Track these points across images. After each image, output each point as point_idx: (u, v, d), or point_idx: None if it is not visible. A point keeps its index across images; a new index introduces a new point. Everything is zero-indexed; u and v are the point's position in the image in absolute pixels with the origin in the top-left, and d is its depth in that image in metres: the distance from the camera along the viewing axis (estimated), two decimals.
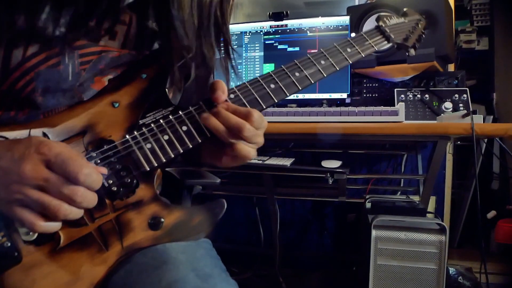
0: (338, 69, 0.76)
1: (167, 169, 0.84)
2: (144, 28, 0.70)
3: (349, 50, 0.79)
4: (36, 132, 0.59)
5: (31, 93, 0.62)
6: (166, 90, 0.67)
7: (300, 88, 0.72)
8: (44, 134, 0.59)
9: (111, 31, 0.67)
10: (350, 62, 0.78)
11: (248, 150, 0.64)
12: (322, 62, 0.75)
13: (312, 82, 0.73)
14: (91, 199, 0.53)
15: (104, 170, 0.56)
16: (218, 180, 0.96)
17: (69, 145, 0.56)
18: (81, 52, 0.64)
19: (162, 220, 0.61)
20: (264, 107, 0.68)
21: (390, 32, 0.87)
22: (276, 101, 0.69)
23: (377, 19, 0.88)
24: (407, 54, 0.94)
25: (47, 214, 0.51)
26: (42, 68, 0.62)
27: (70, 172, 0.50)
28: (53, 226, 0.53)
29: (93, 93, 0.65)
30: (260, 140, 0.65)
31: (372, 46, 0.83)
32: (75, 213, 0.53)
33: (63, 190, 0.50)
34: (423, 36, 0.96)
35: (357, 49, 0.80)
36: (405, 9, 0.96)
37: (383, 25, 0.87)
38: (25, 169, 0.50)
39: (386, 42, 0.86)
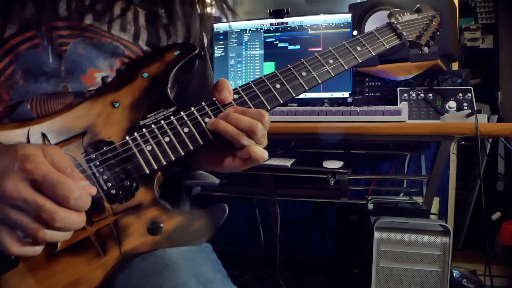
0: (347, 68, 0.74)
1: None
2: (127, 8, 0.68)
3: (359, 48, 0.77)
4: (35, 133, 0.57)
5: (11, 76, 0.60)
6: (168, 89, 0.66)
7: (307, 89, 0.70)
8: (43, 135, 0.57)
9: (93, 9, 0.65)
10: (359, 61, 0.76)
11: (263, 151, 0.62)
12: (331, 61, 0.73)
13: (320, 82, 0.71)
14: (75, 221, 0.50)
15: (94, 191, 0.53)
16: (218, 181, 0.94)
17: (60, 150, 0.53)
18: (59, 33, 0.62)
19: (162, 225, 0.59)
20: (269, 108, 0.66)
21: (402, 30, 0.85)
22: (281, 102, 0.67)
23: (389, 15, 0.86)
24: (420, 52, 0.91)
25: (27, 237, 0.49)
26: (22, 49, 0.60)
27: (60, 196, 0.48)
28: (31, 250, 0.50)
29: (81, 86, 0.63)
30: (266, 140, 0.64)
31: (384, 45, 0.80)
32: (58, 237, 0.50)
33: (41, 215, 0.47)
34: (438, 33, 0.94)
35: (367, 48, 0.78)
36: (419, 5, 0.93)
37: (395, 22, 0.85)
38: (6, 187, 0.47)
39: (398, 40, 0.84)
